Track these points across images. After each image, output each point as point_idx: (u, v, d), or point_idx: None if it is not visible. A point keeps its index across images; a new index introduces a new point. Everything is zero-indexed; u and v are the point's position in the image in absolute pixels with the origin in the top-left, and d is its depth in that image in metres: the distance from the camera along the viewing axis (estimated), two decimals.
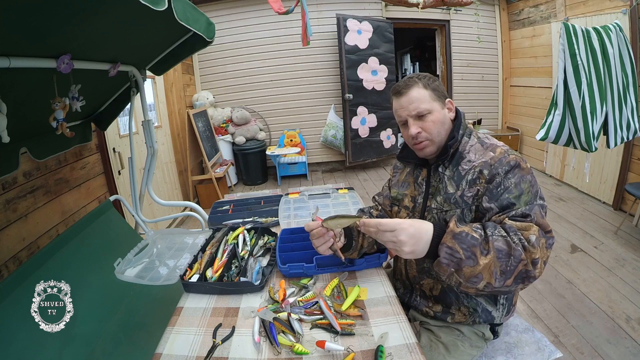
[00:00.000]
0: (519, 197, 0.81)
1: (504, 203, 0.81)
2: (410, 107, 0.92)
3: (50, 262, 1.14)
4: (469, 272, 0.71)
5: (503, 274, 0.71)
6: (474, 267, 0.71)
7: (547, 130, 2.33)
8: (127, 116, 2.46)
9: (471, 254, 0.71)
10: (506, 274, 0.71)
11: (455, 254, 0.72)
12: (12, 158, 1.33)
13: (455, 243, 0.72)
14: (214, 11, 4.45)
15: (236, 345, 0.82)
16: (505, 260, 0.71)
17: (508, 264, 0.71)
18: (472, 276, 0.71)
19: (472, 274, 0.71)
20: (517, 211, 0.79)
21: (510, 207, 0.80)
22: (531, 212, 0.79)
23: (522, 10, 4.45)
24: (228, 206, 1.70)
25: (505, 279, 0.71)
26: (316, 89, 4.75)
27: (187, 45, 1.57)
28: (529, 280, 0.72)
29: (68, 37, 1.00)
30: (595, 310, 1.87)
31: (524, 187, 0.81)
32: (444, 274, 0.74)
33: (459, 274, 0.72)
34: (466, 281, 0.72)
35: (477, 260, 0.71)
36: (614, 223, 2.83)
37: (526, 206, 0.80)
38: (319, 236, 0.93)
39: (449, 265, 0.72)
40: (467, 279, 0.72)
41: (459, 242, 0.72)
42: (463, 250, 0.72)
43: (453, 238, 0.73)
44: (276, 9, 2.79)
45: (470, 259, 0.71)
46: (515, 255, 0.71)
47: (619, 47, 2.25)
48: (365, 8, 4.61)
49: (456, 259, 0.72)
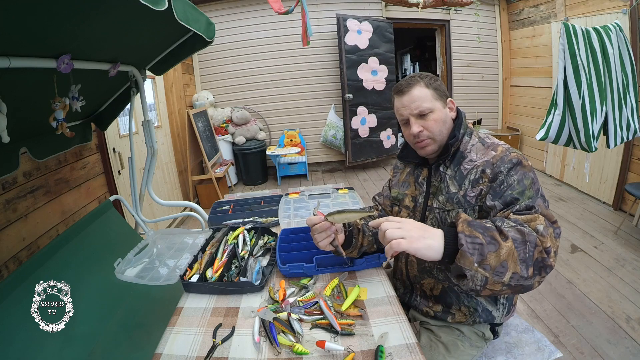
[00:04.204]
0: (522, 192, 0.80)
1: (507, 199, 0.81)
2: (412, 105, 0.92)
3: (50, 262, 1.14)
4: (494, 260, 0.67)
5: (524, 262, 0.68)
6: (497, 253, 0.67)
7: (547, 130, 2.33)
8: (127, 116, 2.46)
9: (491, 239, 0.68)
10: (526, 261, 0.68)
11: (475, 240, 0.68)
12: (12, 158, 1.33)
13: (473, 230, 0.69)
14: (214, 11, 4.45)
15: (236, 345, 0.82)
16: (523, 248, 0.68)
17: (526, 251, 0.68)
18: (498, 265, 0.67)
19: (498, 261, 0.67)
20: (521, 205, 0.79)
21: (513, 202, 0.80)
22: (535, 204, 0.78)
23: (522, 10, 4.45)
24: (228, 206, 1.70)
25: (527, 266, 0.68)
26: (316, 89, 4.75)
27: (187, 45, 1.57)
28: (546, 270, 0.70)
29: (68, 37, 1.00)
30: (595, 310, 1.87)
31: (527, 184, 0.81)
32: (469, 269, 0.67)
33: (484, 265, 0.67)
34: (493, 273, 0.67)
35: (498, 244, 0.68)
36: (614, 223, 2.83)
37: (529, 200, 0.80)
38: (322, 230, 0.92)
39: (473, 255, 0.67)
40: (494, 269, 0.67)
41: (475, 228, 0.69)
42: (482, 235, 0.68)
43: (469, 225, 0.70)
44: (276, 9, 2.79)
45: (491, 244, 0.68)
46: (531, 240, 0.69)
47: (619, 47, 2.25)
48: (365, 8, 4.61)
49: (478, 245, 0.67)
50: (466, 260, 0.67)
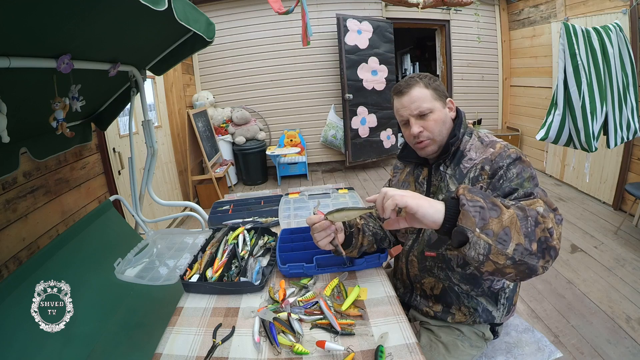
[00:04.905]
0: (521, 184, 0.81)
1: (506, 190, 0.81)
2: (412, 106, 0.92)
3: (50, 262, 1.14)
4: (496, 226, 0.65)
5: (527, 236, 0.66)
6: (499, 219, 0.65)
7: (547, 130, 2.33)
8: (127, 116, 2.46)
9: (492, 205, 0.67)
10: (529, 236, 0.66)
11: (476, 203, 0.66)
12: (12, 158, 1.33)
13: (473, 195, 0.68)
14: (214, 11, 4.45)
15: (236, 345, 0.82)
16: (524, 222, 0.67)
17: (527, 226, 0.66)
18: (500, 231, 0.65)
19: (500, 227, 0.65)
20: (520, 192, 0.79)
21: (512, 192, 0.80)
22: (534, 191, 0.78)
23: (522, 10, 4.45)
24: (228, 206, 1.70)
25: (531, 241, 0.66)
26: (316, 89, 4.75)
27: (187, 45, 1.57)
28: (549, 253, 0.67)
29: (68, 37, 1.00)
30: (595, 310, 1.87)
31: (525, 176, 0.82)
32: (471, 231, 0.65)
33: (486, 230, 0.64)
34: (496, 239, 0.64)
35: (500, 209, 0.66)
36: (614, 223, 2.83)
37: (527, 189, 0.79)
38: (322, 229, 0.91)
39: (475, 217, 0.65)
40: (496, 236, 0.64)
41: (475, 194, 0.68)
42: (483, 200, 0.67)
43: (469, 192, 0.69)
44: (276, 9, 2.80)
45: (493, 209, 0.66)
46: (532, 215, 0.67)
47: (619, 47, 2.25)
48: (365, 8, 4.61)
49: (479, 208, 0.65)
50: (468, 220, 0.65)
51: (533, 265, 0.66)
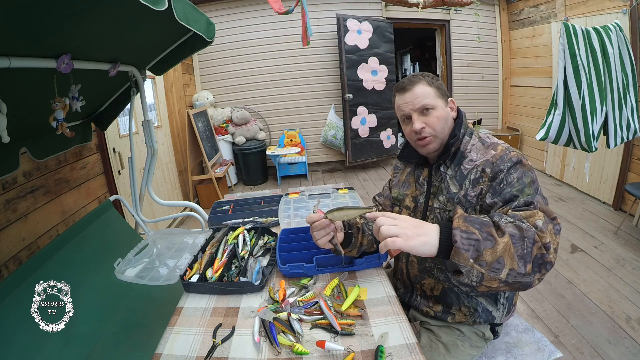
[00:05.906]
0: (522, 190, 0.80)
1: (506, 197, 0.81)
2: (415, 101, 0.92)
3: (50, 262, 1.14)
4: (490, 256, 0.66)
5: (522, 258, 0.67)
6: (493, 249, 0.66)
7: (547, 130, 2.33)
8: (127, 116, 2.46)
9: (487, 235, 0.68)
10: (524, 257, 0.67)
11: (471, 235, 0.67)
12: (12, 158, 1.33)
13: (469, 225, 0.68)
14: (214, 11, 4.45)
15: (236, 345, 0.82)
16: (521, 244, 0.68)
17: (524, 247, 0.67)
18: (494, 261, 0.66)
19: (494, 258, 0.66)
20: (520, 201, 0.79)
21: (513, 199, 0.80)
22: (534, 200, 0.78)
23: (522, 10, 4.45)
24: (228, 206, 1.70)
25: (525, 263, 0.67)
26: (316, 89, 4.75)
27: (187, 45, 1.57)
28: (546, 267, 0.69)
29: (68, 37, 1.00)
30: (595, 310, 1.87)
31: (526, 181, 0.82)
32: (464, 266, 0.66)
33: (480, 261, 0.66)
34: (489, 269, 0.66)
35: (495, 240, 0.67)
36: (614, 223, 2.83)
37: (528, 196, 0.79)
38: (321, 228, 0.91)
39: (468, 251, 0.66)
40: (490, 266, 0.66)
41: (471, 224, 0.69)
42: (478, 231, 0.67)
43: (465, 221, 0.69)
44: (276, 9, 2.79)
45: (488, 240, 0.67)
46: (529, 236, 0.68)
47: (619, 47, 2.25)
48: (365, 8, 4.61)
49: (474, 242, 0.66)
50: (460, 256, 0.67)
51: (527, 282, 0.69)
